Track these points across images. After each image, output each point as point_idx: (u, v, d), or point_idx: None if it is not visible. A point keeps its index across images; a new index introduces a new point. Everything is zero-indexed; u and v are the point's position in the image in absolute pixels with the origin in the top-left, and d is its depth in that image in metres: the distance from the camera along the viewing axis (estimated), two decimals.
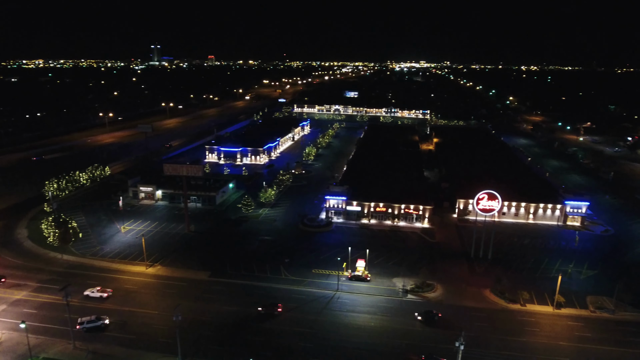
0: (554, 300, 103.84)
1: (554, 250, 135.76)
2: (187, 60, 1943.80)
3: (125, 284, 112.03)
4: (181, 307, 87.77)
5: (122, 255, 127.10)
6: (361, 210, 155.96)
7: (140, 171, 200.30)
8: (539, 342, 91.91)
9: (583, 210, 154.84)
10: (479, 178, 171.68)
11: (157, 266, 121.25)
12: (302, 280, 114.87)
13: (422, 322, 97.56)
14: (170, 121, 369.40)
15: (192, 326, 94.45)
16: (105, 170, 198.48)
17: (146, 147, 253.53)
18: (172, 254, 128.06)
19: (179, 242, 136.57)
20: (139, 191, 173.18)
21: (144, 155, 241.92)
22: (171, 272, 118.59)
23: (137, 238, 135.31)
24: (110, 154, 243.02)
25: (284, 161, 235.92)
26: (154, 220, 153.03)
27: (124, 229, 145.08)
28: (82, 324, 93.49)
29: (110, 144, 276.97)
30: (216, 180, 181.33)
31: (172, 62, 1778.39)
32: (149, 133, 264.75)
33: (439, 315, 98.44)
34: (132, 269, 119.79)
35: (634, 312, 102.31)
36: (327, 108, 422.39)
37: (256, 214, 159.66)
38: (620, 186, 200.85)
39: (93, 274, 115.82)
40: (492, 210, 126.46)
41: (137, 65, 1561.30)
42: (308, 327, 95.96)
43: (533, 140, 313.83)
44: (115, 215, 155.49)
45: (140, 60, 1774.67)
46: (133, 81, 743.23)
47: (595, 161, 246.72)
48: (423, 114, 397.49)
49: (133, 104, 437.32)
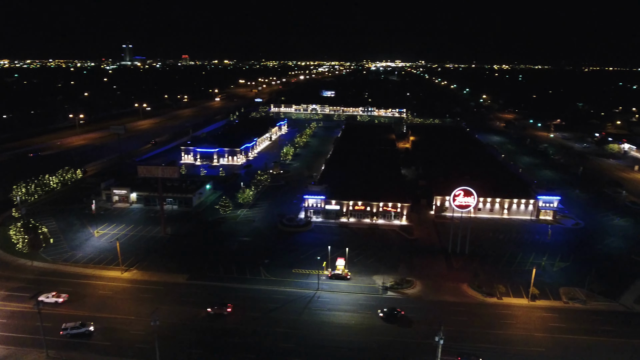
0: (529, 293, 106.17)
1: (528, 244, 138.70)
2: (160, 60, 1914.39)
3: (100, 290, 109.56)
4: (159, 312, 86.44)
5: (96, 260, 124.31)
6: (340, 209, 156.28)
7: (113, 173, 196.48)
8: (515, 334, 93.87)
9: (555, 205, 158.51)
10: (455, 175, 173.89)
11: (133, 270, 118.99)
12: (282, 281, 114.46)
13: (383, 319, 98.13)
14: (144, 122, 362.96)
15: (171, 331, 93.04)
16: (77, 173, 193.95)
17: (120, 148, 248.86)
18: (148, 258, 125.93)
19: (156, 246, 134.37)
20: (112, 194, 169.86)
21: (118, 157, 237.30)
22: (148, 276, 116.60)
23: (112, 242, 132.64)
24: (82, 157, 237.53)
25: (261, 161, 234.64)
26: (128, 224, 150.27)
27: (98, 233, 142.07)
28: (66, 329, 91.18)
29: (82, 146, 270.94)
30: (193, 182, 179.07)
31: (144, 61, 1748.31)
32: (122, 134, 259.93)
33: (401, 312, 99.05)
34: (107, 274, 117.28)
35: (605, 301, 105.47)
36: (304, 107, 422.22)
37: (234, 215, 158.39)
38: (588, 181, 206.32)
39: (65, 281, 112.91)
40: (468, 206, 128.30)
41: (108, 65, 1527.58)
42: (289, 327, 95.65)
43: (506, 138, 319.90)
44: (88, 220, 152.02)
45: (112, 60, 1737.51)
46: (104, 81, 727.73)
47: (565, 157, 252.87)
48: (399, 112, 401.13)
49: (105, 105, 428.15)
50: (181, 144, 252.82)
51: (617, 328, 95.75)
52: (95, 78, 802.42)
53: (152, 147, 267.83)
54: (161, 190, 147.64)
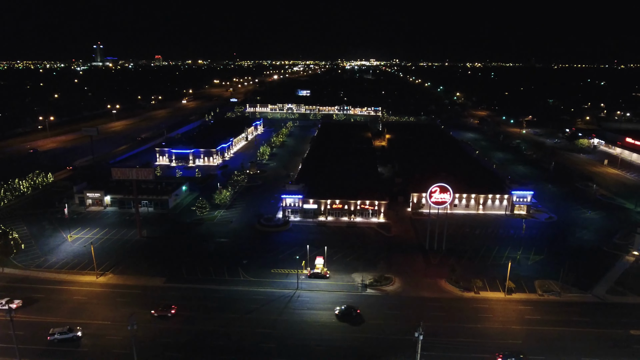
0: (505, 286, 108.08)
1: (504, 238, 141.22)
2: (132, 61, 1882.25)
3: (75, 295, 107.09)
4: (136, 316, 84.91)
5: (69, 265, 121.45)
6: (318, 207, 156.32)
7: (86, 177, 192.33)
8: (492, 327, 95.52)
9: (528, 199, 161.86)
10: (431, 172, 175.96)
11: (109, 275, 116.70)
12: (262, 281, 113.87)
13: (338, 318, 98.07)
14: (117, 123, 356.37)
15: (149, 335, 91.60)
16: (48, 177, 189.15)
17: (92, 151, 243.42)
18: (124, 262, 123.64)
19: (131, 249, 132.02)
20: (85, 197, 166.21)
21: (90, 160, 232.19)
22: (124, 280, 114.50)
23: (86, 246, 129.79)
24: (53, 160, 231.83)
25: (238, 161, 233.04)
26: (103, 227, 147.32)
27: (71, 237, 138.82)
28: (53, 334, 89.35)
29: (53, 149, 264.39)
30: (168, 183, 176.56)
31: (116, 62, 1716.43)
32: (94, 136, 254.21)
33: (357, 311, 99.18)
34: (82, 279, 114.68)
35: (578, 292, 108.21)
36: (280, 107, 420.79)
37: (211, 216, 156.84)
38: (560, 175, 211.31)
39: (38, 287, 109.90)
40: (445, 203, 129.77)
41: (78, 66, 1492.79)
42: (269, 327, 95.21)
43: (480, 134, 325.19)
44: (61, 224, 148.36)
45: (82, 61, 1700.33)
46: (75, 83, 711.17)
47: (537, 152, 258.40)
48: (375, 111, 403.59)
49: (76, 107, 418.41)
50: (156, 145, 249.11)
51: (591, 319, 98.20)
52: (66, 79, 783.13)
53: (128, 148, 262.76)
54: (136, 192, 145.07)
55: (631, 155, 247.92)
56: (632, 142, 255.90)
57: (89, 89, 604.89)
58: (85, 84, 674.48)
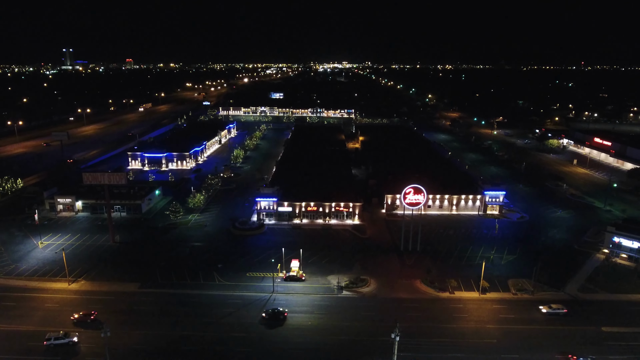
0: (479, 286, 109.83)
1: (477, 238, 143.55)
2: (103, 64, 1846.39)
3: (46, 303, 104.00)
4: (109, 323, 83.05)
5: (40, 272, 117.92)
6: (292, 210, 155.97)
7: (57, 182, 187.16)
8: (467, 327, 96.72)
9: (500, 199, 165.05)
10: (405, 173, 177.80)
11: (81, 281, 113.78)
12: (237, 285, 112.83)
13: (265, 320, 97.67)
14: (88, 128, 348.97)
15: (123, 341, 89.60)
16: (18, 182, 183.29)
17: (62, 156, 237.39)
18: (97, 267, 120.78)
19: (104, 255, 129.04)
20: (56, 203, 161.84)
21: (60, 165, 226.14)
22: (97, 286, 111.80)
23: (57, 253, 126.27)
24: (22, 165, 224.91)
25: (211, 165, 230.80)
26: (75, 233, 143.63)
27: (42, 244, 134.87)
28: (50, 340, 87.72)
29: (22, 154, 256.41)
30: (141, 188, 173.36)
31: (86, 66, 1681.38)
32: (64, 141, 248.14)
33: (284, 314, 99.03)
34: (53, 286, 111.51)
35: (550, 290, 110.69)
36: (253, 110, 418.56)
37: (185, 220, 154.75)
38: (531, 175, 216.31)
39: (8, 295, 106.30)
40: (419, 204, 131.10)
41: (48, 69, 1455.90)
42: (245, 331, 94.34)
43: (452, 136, 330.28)
44: (31, 230, 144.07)
45: (52, 65, 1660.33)
46: (44, 87, 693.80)
47: (508, 153, 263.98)
48: (348, 113, 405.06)
49: (46, 111, 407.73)
50: (128, 150, 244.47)
51: (563, 316, 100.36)
52: (35, 83, 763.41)
53: (100, 153, 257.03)
54: (108, 197, 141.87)
55: (599, 155, 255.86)
56: (600, 142, 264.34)
57: (58, 93, 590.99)
58: (55, 88, 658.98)
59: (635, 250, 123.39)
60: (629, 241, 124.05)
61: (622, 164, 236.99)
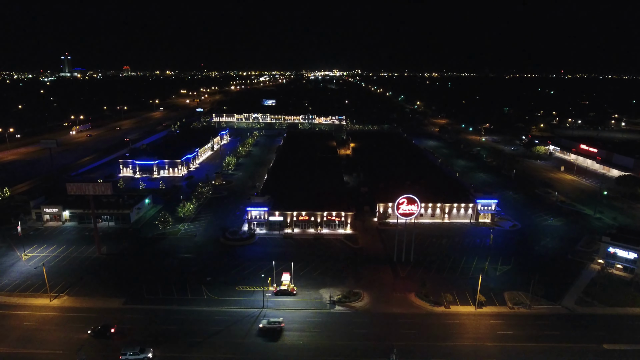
0: (475, 300, 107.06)
1: (470, 247, 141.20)
2: (101, 71, 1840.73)
3: (25, 321, 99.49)
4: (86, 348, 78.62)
5: (22, 287, 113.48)
6: (284, 220, 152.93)
7: (44, 191, 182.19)
8: (465, 345, 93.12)
9: (492, 208, 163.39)
10: (396, 181, 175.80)
11: (63, 297, 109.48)
12: (226, 300, 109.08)
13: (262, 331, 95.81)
14: (81, 134, 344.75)
15: None
16: (5, 191, 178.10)
17: (52, 163, 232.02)
18: (81, 282, 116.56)
19: (90, 267, 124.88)
20: (43, 213, 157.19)
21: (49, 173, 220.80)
22: (79, 302, 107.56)
23: (37, 268, 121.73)
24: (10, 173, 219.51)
25: (203, 172, 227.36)
26: (61, 244, 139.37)
27: (26, 256, 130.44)
28: (125, 354, 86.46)
29: (12, 161, 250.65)
30: (130, 197, 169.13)
31: (84, 73, 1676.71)
32: (54, 148, 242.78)
33: (281, 325, 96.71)
34: (34, 302, 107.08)
35: (548, 304, 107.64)
36: (246, 117, 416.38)
37: (175, 230, 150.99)
38: (521, 182, 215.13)
39: None
40: (412, 214, 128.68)
41: (46, 76, 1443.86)
42: (233, 351, 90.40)
43: (441, 142, 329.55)
44: (15, 242, 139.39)
45: (50, 72, 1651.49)
46: (41, 93, 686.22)
47: (496, 159, 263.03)
48: (339, 120, 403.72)
49: (40, 118, 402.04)
50: (119, 157, 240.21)
51: (562, 332, 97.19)
52: (32, 90, 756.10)
53: (90, 160, 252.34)
54: (94, 207, 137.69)
55: (585, 161, 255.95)
56: (587, 149, 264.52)
57: (55, 99, 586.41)
58: (52, 95, 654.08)
59: (630, 261, 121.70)
60: (625, 252, 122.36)
61: (609, 171, 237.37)
